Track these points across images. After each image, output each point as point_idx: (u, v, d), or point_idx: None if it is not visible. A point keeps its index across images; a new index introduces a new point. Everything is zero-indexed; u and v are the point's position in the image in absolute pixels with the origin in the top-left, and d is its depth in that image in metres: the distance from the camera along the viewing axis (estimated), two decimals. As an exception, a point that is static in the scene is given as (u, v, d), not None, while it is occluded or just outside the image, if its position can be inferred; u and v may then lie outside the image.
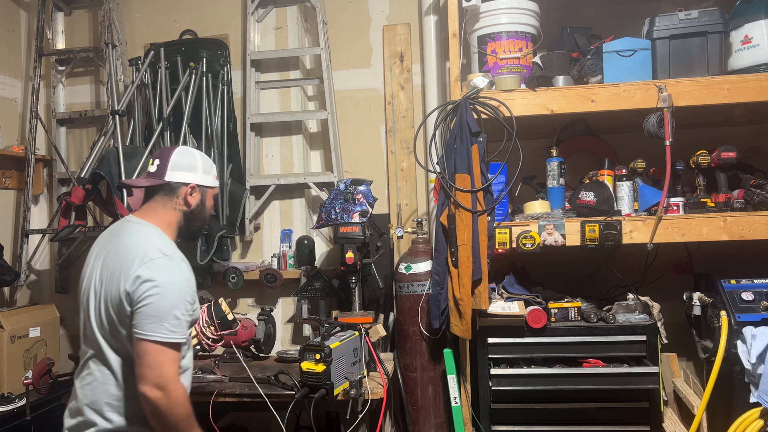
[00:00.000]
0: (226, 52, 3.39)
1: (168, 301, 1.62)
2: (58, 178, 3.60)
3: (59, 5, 3.63)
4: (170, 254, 1.70)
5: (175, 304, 1.63)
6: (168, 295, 1.63)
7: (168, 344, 1.61)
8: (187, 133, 3.25)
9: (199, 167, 1.86)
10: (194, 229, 1.88)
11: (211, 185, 1.90)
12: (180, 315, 1.64)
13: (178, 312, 1.63)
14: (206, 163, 1.90)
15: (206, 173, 1.88)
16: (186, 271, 1.71)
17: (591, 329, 2.44)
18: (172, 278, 1.66)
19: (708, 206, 2.46)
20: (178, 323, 1.63)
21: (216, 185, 1.92)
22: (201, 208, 1.87)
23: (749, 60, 2.42)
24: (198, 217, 1.87)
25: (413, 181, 3.28)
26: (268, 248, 3.46)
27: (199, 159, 1.88)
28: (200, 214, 1.87)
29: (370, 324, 2.77)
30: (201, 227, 1.90)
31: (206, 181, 1.87)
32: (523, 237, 2.43)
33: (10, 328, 3.02)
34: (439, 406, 2.77)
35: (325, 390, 2.23)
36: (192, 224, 1.86)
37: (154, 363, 1.60)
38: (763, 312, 2.34)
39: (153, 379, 1.59)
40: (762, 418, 2.22)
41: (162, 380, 1.59)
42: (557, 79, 2.54)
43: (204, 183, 1.86)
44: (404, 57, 3.31)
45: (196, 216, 1.86)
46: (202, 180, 1.86)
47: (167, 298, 1.62)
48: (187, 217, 1.84)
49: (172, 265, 1.68)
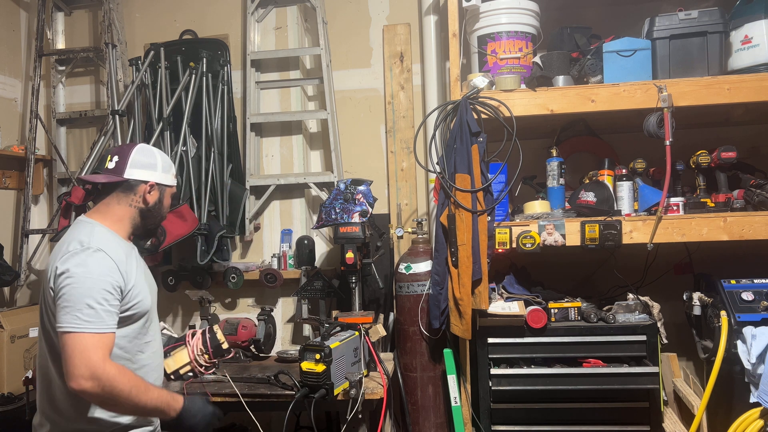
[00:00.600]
0: (226, 52, 3.39)
1: (79, 289, 1.59)
2: (58, 178, 3.60)
3: (59, 5, 3.63)
4: (89, 245, 1.66)
5: (88, 293, 1.59)
6: (79, 284, 1.59)
7: (87, 333, 1.57)
8: (187, 133, 3.25)
9: (158, 166, 1.86)
10: (151, 227, 1.89)
11: (169, 184, 1.90)
12: (95, 304, 1.59)
13: (91, 301, 1.58)
14: (166, 162, 1.90)
15: (165, 172, 1.88)
16: (103, 261, 1.65)
17: (591, 329, 2.44)
18: (86, 268, 1.62)
19: (708, 206, 2.46)
20: (93, 313, 1.58)
21: (174, 184, 1.92)
22: (158, 206, 1.87)
23: (749, 60, 2.42)
24: (155, 215, 1.87)
25: (413, 181, 3.28)
26: (268, 248, 3.46)
27: (159, 157, 1.87)
28: (157, 212, 1.88)
29: (370, 324, 2.77)
30: (157, 225, 1.91)
31: (165, 179, 1.88)
32: (523, 237, 2.43)
33: (10, 328, 3.02)
34: (439, 406, 2.77)
35: (325, 390, 2.23)
36: (148, 222, 1.86)
37: (76, 354, 1.56)
38: (763, 312, 2.34)
39: (78, 371, 1.55)
40: (762, 418, 2.22)
41: (86, 370, 1.54)
42: (557, 79, 2.54)
43: (163, 182, 1.87)
44: (404, 57, 3.31)
45: (153, 214, 1.86)
46: (161, 178, 1.86)
47: (79, 288, 1.59)
48: (143, 214, 1.84)
49: (86, 255, 1.64)
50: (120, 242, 1.79)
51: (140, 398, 1.62)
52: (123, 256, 1.73)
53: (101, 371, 1.55)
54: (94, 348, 1.57)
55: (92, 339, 1.57)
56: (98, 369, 1.55)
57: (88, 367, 1.55)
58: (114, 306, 1.64)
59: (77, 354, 1.55)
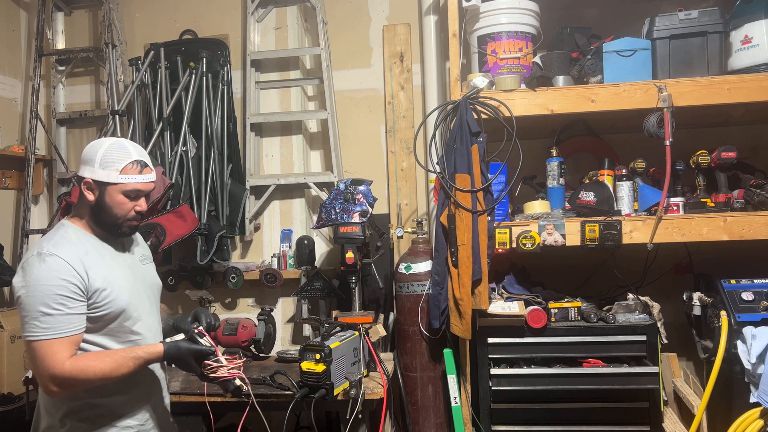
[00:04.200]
0: (226, 52, 3.39)
1: (32, 298, 1.58)
2: (58, 178, 3.60)
3: (59, 5, 3.63)
4: (43, 250, 1.62)
5: (41, 300, 1.57)
6: (32, 293, 1.58)
7: (44, 341, 1.57)
8: (187, 133, 3.25)
9: (96, 160, 1.67)
10: (108, 222, 1.73)
11: (109, 181, 1.67)
12: (50, 310, 1.57)
13: (46, 308, 1.57)
14: (108, 155, 1.68)
15: (104, 167, 1.67)
16: (55, 265, 1.60)
17: (591, 329, 2.44)
18: (36, 275, 1.59)
19: (708, 206, 2.46)
20: (50, 319, 1.57)
21: (121, 181, 1.68)
22: (103, 203, 1.70)
23: (749, 60, 2.42)
24: (104, 211, 1.71)
25: (413, 181, 3.28)
26: (268, 248, 3.46)
27: (99, 150, 1.68)
28: (106, 210, 1.71)
29: (370, 324, 2.77)
30: (116, 223, 1.73)
31: (103, 176, 1.67)
32: (523, 237, 2.43)
33: (10, 328, 3.02)
34: (439, 406, 2.77)
35: (325, 390, 2.23)
36: (101, 218, 1.73)
37: (38, 362, 1.58)
38: (763, 312, 2.34)
39: (42, 380, 1.59)
40: (762, 418, 2.22)
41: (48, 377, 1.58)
42: (557, 79, 2.54)
43: (99, 178, 1.67)
44: (404, 57, 3.31)
45: (103, 210, 1.71)
46: (97, 175, 1.67)
47: (31, 296, 1.58)
48: (93, 210, 1.73)
49: (38, 262, 1.60)
50: (88, 241, 1.73)
51: (114, 374, 1.63)
52: (85, 256, 1.67)
53: (60, 374, 1.57)
54: (53, 353, 1.57)
55: (52, 345, 1.58)
56: (57, 373, 1.57)
57: (49, 374, 1.57)
58: (74, 308, 1.61)
59: (38, 362, 1.58)
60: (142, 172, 1.72)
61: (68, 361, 1.58)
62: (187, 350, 1.70)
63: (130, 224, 1.75)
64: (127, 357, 1.66)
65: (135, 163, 1.70)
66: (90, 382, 1.62)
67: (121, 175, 1.68)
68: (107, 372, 1.62)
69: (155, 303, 1.90)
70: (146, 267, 1.92)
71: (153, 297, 1.89)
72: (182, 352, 1.69)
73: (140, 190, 1.73)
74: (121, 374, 1.64)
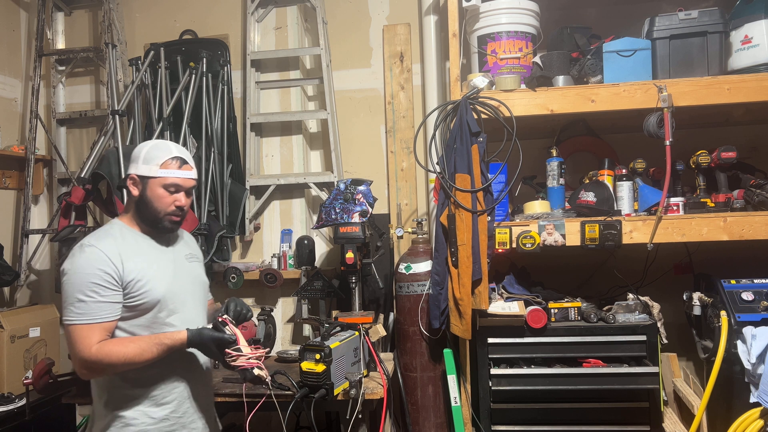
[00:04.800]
0: (226, 52, 3.40)
1: (71, 285, 1.71)
2: (58, 178, 3.60)
3: (59, 5, 3.63)
4: (84, 243, 1.76)
5: (78, 288, 1.70)
6: (71, 280, 1.71)
7: (78, 325, 1.69)
8: (186, 133, 3.25)
9: (140, 157, 1.82)
10: (150, 216, 1.83)
11: (150, 175, 1.81)
12: (85, 297, 1.69)
13: (81, 295, 1.69)
14: (150, 152, 1.82)
15: (146, 163, 1.81)
16: (93, 255, 1.72)
17: (591, 329, 2.44)
18: (75, 264, 1.72)
19: (708, 206, 2.46)
20: (84, 305, 1.69)
21: (161, 175, 1.80)
22: (145, 197, 1.82)
23: (749, 60, 2.42)
24: (146, 205, 1.82)
25: (413, 181, 3.28)
26: (268, 248, 3.46)
27: (143, 150, 1.84)
28: (148, 203, 1.82)
29: (370, 324, 2.77)
30: (157, 217, 1.83)
31: (145, 171, 1.81)
32: (523, 237, 2.43)
33: (10, 328, 3.02)
34: (439, 406, 2.77)
35: (325, 390, 2.23)
36: (142, 212, 1.84)
37: (72, 345, 1.71)
38: (763, 312, 2.34)
39: (75, 362, 1.72)
40: (762, 418, 2.22)
41: (78, 359, 1.70)
42: (557, 79, 2.54)
43: (142, 173, 1.81)
44: (404, 57, 3.31)
45: (145, 204, 1.82)
46: (140, 170, 1.82)
47: (70, 283, 1.71)
48: (137, 206, 1.85)
49: (79, 252, 1.74)
50: (131, 236, 1.84)
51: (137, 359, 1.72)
52: (124, 248, 1.78)
53: (88, 357, 1.68)
54: (84, 338, 1.69)
55: (83, 330, 1.69)
56: (86, 356, 1.68)
57: (79, 357, 1.70)
58: (108, 296, 1.72)
59: (72, 345, 1.71)
60: (182, 168, 1.84)
61: (96, 346, 1.69)
62: (209, 338, 1.76)
63: (170, 218, 1.85)
64: (151, 343, 1.74)
65: (175, 159, 1.83)
66: (115, 367, 1.71)
67: (161, 169, 1.81)
68: (131, 357, 1.70)
69: (198, 299, 1.97)
70: (191, 264, 1.99)
71: (196, 293, 1.96)
72: (204, 339, 1.76)
73: (179, 184, 1.84)
74: (145, 359, 1.72)
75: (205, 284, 2.05)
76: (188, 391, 1.88)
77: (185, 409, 1.86)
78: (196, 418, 1.89)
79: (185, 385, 1.87)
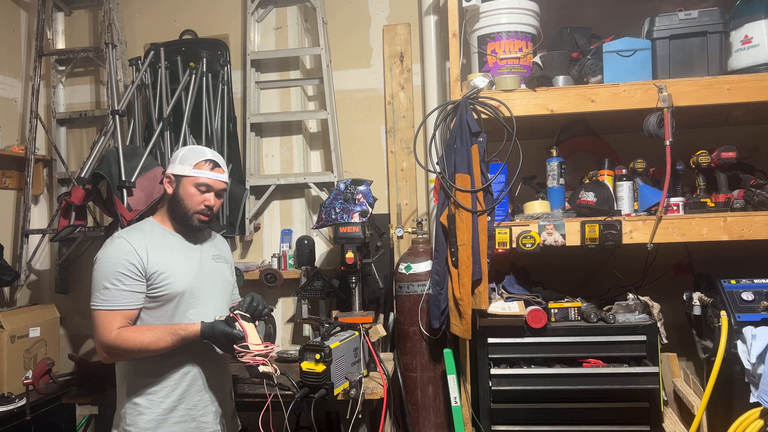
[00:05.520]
0: (226, 52, 3.40)
1: (98, 272, 1.84)
2: (58, 178, 3.60)
3: (59, 5, 3.63)
4: (116, 235, 1.91)
5: (104, 276, 1.82)
6: (99, 268, 1.84)
7: (101, 311, 1.82)
8: (187, 133, 3.25)
9: (177, 159, 1.99)
10: (180, 214, 1.96)
11: (184, 174, 1.96)
12: (109, 285, 1.81)
13: (107, 282, 1.81)
14: (186, 154, 1.98)
15: (182, 163, 1.97)
16: (120, 245, 1.86)
17: (591, 329, 2.44)
18: (105, 252, 1.86)
19: (708, 206, 2.46)
20: (108, 292, 1.81)
21: (193, 174, 1.96)
22: (177, 195, 1.96)
23: (749, 60, 2.42)
24: (178, 203, 1.96)
25: (413, 181, 3.28)
26: (268, 248, 3.46)
27: (181, 152, 2.00)
28: (180, 201, 1.96)
29: (370, 324, 2.77)
30: (186, 214, 1.96)
31: (180, 170, 1.96)
32: (523, 237, 2.43)
33: (10, 328, 3.02)
34: (439, 406, 2.77)
35: (325, 390, 2.23)
36: (174, 210, 1.98)
37: (95, 328, 1.82)
38: (763, 312, 2.34)
39: (97, 344, 1.84)
40: (762, 418, 2.22)
41: (99, 342, 1.82)
42: (557, 79, 2.54)
43: (177, 172, 1.97)
44: (404, 57, 3.31)
45: (177, 202, 1.96)
46: (176, 170, 1.97)
47: (98, 270, 1.84)
48: (170, 204, 1.99)
49: (109, 243, 1.88)
50: (160, 232, 1.97)
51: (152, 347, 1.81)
52: (151, 242, 1.90)
53: (107, 342, 1.80)
54: (106, 323, 1.81)
55: (106, 316, 1.81)
56: (105, 341, 1.80)
57: (100, 341, 1.82)
58: (131, 285, 1.83)
59: (95, 329, 1.82)
60: (214, 170, 1.98)
61: (115, 331, 1.80)
62: (220, 332, 1.83)
63: (199, 217, 1.97)
64: (166, 332, 1.83)
65: (207, 161, 1.98)
66: (131, 353, 1.82)
67: (194, 169, 1.96)
68: (146, 344, 1.80)
69: (220, 297, 2.07)
70: (217, 264, 2.10)
71: (218, 291, 2.07)
72: (216, 333, 1.83)
73: (210, 185, 1.97)
74: (160, 347, 1.82)
75: (230, 283, 2.16)
76: (202, 382, 1.96)
77: (196, 402, 1.94)
78: (206, 412, 1.97)
79: (198, 377, 1.95)
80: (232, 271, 2.22)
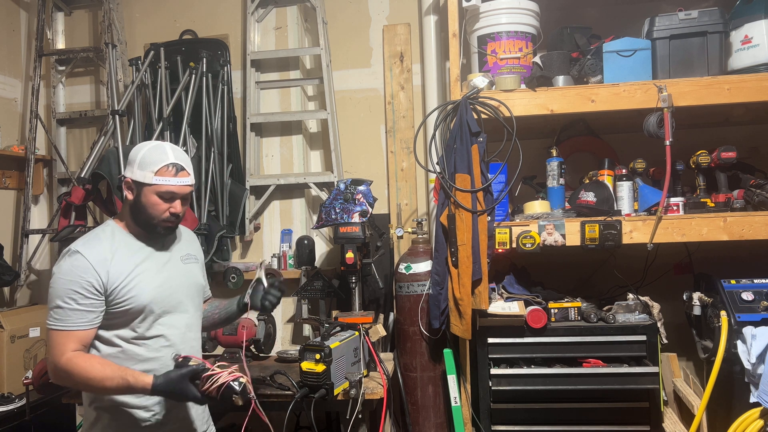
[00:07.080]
0: (226, 52, 3.40)
1: (53, 289, 1.68)
2: (58, 178, 3.60)
3: (59, 5, 3.63)
4: (71, 248, 1.71)
5: (58, 294, 1.67)
6: (54, 284, 1.69)
7: (54, 331, 1.67)
8: (187, 133, 3.25)
9: (136, 162, 1.74)
10: (143, 221, 1.77)
11: (145, 182, 1.72)
12: (63, 304, 1.65)
13: (60, 301, 1.66)
14: (146, 158, 1.73)
15: (142, 168, 1.72)
16: (76, 262, 1.67)
17: (591, 329, 2.44)
18: (60, 268, 1.69)
19: (708, 206, 2.46)
20: (61, 312, 1.66)
21: (155, 182, 1.72)
22: (139, 203, 1.75)
23: (749, 60, 2.42)
24: (140, 212, 1.76)
25: (413, 181, 3.28)
26: (268, 248, 3.46)
27: (139, 153, 1.75)
28: (142, 209, 1.75)
29: (370, 324, 2.77)
30: (150, 223, 1.77)
31: (140, 177, 1.72)
32: (523, 237, 2.43)
33: (10, 328, 3.02)
34: (439, 406, 2.77)
35: (325, 390, 2.23)
36: (136, 217, 1.78)
37: (47, 348, 1.70)
38: (763, 312, 2.34)
39: (48, 363, 1.70)
40: (762, 418, 2.22)
41: (50, 365, 1.69)
42: (557, 79, 2.54)
43: (137, 179, 1.73)
44: (404, 57, 3.31)
45: (139, 210, 1.76)
46: (136, 176, 1.74)
47: (52, 287, 1.69)
48: (132, 210, 1.79)
49: (65, 258, 1.70)
50: (122, 239, 1.78)
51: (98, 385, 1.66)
52: (111, 253, 1.72)
53: (57, 365, 1.66)
54: (59, 344, 1.66)
55: (59, 336, 1.67)
56: (56, 364, 1.66)
57: (51, 361, 1.68)
58: (85, 304, 1.67)
59: (48, 348, 1.69)
60: (178, 175, 1.75)
61: (67, 356, 1.65)
62: (178, 376, 1.65)
63: (164, 225, 1.78)
64: (116, 374, 1.65)
65: (171, 165, 1.74)
66: (76, 384, 1.69)
67: (155, 176, 1.72)
68: (92, 379, 1.65)
69: (191, 301, 1.91)
70: (187, 266, 1.92)
71: (188, 296, 1.89)
72: (173, 380, 1.65)
73: (174, 192, 1.76)
74: (105, 387, 1.66)
75: (200, 286, 1.98)
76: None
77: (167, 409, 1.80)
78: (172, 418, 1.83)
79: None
80: (203, 270, 2.04)
